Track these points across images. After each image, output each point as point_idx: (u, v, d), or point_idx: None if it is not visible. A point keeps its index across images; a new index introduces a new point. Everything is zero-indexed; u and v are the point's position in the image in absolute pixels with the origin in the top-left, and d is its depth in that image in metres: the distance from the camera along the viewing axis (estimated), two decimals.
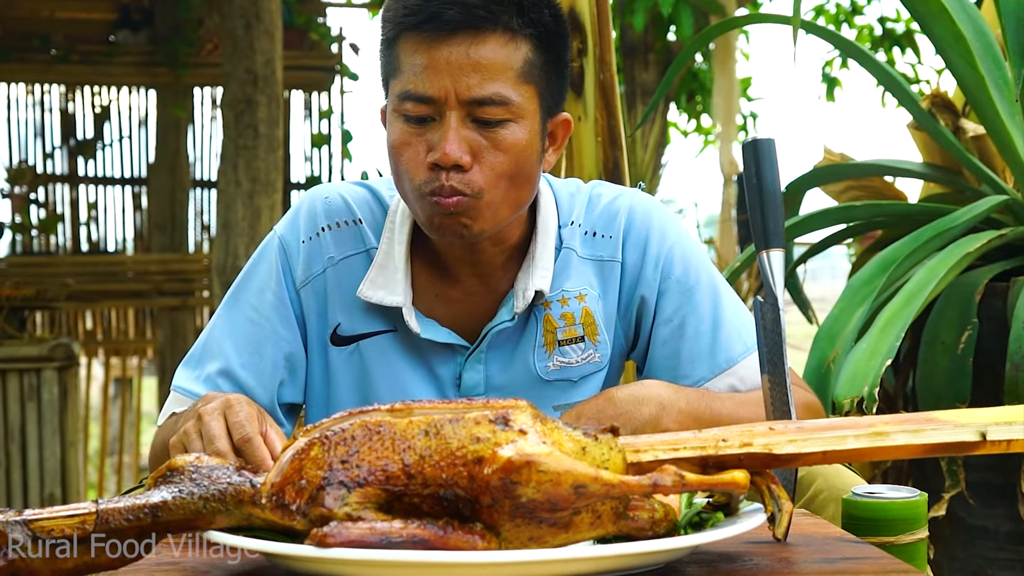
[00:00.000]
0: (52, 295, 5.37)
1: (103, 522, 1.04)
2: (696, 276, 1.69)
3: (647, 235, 1.70)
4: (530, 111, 1.55)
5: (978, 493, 2.40)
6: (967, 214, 2.53)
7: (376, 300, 1.64)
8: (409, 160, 1.54)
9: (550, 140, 1.63)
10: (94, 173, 7.70)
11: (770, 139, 1.41)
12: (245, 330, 1.67)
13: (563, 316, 1.66)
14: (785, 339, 1.34)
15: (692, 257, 1.71)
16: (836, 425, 1.13)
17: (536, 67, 1.55)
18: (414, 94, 1.52)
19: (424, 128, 1.53)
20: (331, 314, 1.68)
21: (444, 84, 1.50)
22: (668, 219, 1.73)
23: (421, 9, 1.51)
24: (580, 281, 1.68)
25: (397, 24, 1.55)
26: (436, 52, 1.51)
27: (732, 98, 8.09)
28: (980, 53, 2.62)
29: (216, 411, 1.34)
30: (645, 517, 1.08)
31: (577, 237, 1.70)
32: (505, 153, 1.53)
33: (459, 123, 1.51)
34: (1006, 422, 1.11)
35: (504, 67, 1.52)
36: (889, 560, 1.12)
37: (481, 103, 1.51)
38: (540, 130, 1.58)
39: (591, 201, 1.73)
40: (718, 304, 1.68)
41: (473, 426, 1.03)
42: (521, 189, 1.57)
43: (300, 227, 1.70)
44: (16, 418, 4.95)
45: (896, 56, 9.42)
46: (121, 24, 7.37)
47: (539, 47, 1.55)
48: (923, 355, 2.43)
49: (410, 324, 1.64)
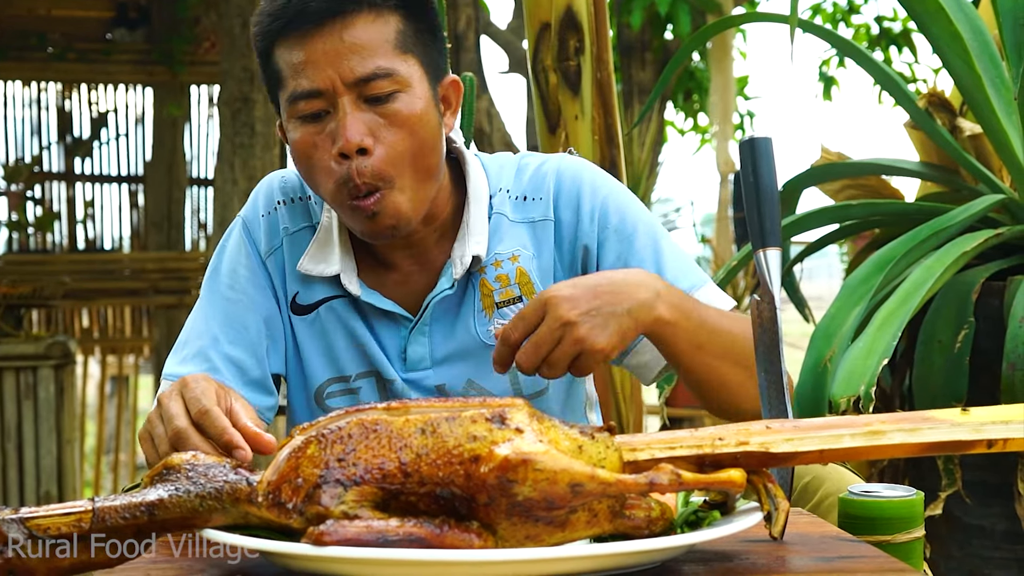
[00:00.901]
0: (48, 293, 5.37)
1: (99, 520, 1.04)
2: (633, 224, 1.71)
3: (578, 192, 1.72)
4: (416, 78, 1.59)
5: (974, 492, 2.40)
6: (964, 213, 2.53)
7: (316, 273, 1.70)
8: (318, 159, 1.58)
9: (444, 105, 1.67)
10: (91, 171, 7.71)
11: (767, 138, 1.41)
12: (224, 308, 1.71)
13: (498, 279, 1.69)
14: (782, 338, 1.34)
15: (627, 206, 1.73)
16: (833, 424, 1.13)
17: (410, 36, 1.59)
18: (302, 92, 1.56)
19: (322, 123, 1.57)
20: (289, 284, 1.73)
21: (327, 74, 1.54)
22: (598, 174, 1.76)
23: (285, 11, 1.56)
24: (512, 243, 1.70)
25: (267, 35, 1.59)
26: (311, 46, 1.55)
27: (729, 97, 8.10)
28: (977, 52, 2.62)
29: (173, 391, 1.34)
30: (641, 516, 1.08)
31: (508, 203, 1.73)
32: (403, 126, 1.57)
33: (353, 107, 1.55)
34: (1003, 421, 1.11)
35: (379, 42, 1.56)
36: (885, 559, 1.12)
37: (367, 80, 1.55)
38: (432, 97, 1.62)
39: (520, 169, 1.76)
40: (658, 249, 1.70)
41: (470, 424, 1.03)
42: (429, 157, 1.60)
43: (260, 204, 1.77)
44: (12, 416, 4.95)
45: (893, 55, 9.43)
46: (118, 22, 7.38)
47: (407, 16, 1.59)
48: (919, 354, 2.44)
49: (349, 288, 1.68)
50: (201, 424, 1.29)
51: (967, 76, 2.62)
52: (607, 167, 2.68)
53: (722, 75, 8.03)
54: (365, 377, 1.71)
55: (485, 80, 6.26)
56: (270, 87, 1.64)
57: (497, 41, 7.86)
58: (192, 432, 1.29)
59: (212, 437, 1.28)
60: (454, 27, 6.06)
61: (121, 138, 7.75)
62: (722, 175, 8.23)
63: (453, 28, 6.04)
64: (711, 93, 8.24)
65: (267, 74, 1.63)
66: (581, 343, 1.37)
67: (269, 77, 1.62)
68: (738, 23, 6.92)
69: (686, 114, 9.67)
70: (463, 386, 1.70)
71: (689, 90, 9.22)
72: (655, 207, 8.47)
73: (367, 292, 1.69)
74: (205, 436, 1.29)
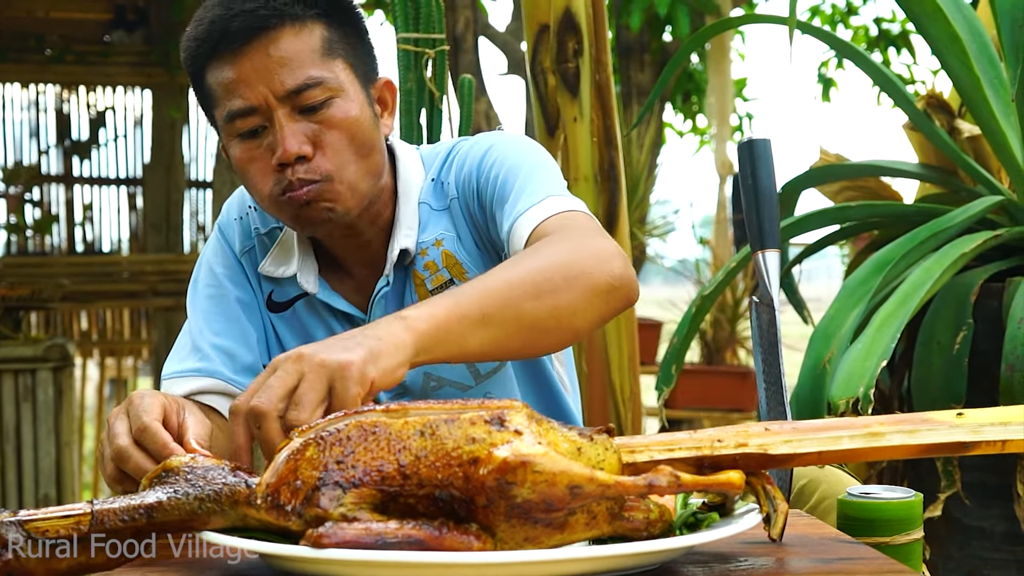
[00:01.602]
0: (47, 295, 5.37)
1: (98, 523, 1.04)
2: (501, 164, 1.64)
3: (465, 158, 1.71)
4: (347, 82, 1.61)
5: (974, 494, 2.40)
6: (962, 215, 2.53)
7: (278, 274, 1.74)
8: (257, 171, 1.60)
9: (381, 106, 1.69)
10: (89, 173, 7.70)
11: (766, 140, 1.41)
12: (207, 305, 1.75)
13: (427, 266, 1.70)
14: (781, 339, 1.34)
15: (500, 149, 1.68)
16: (832, 426, 1.13)
17: (336, 42, 1.61)
18: (236, 111, 1.58)
19: (260, 139, 1.59)
20: (264, 283, 1.77)
21: (258, 90, 1.56)
22: (493, 135, 1.74)
23: (209, 34, 1.58)
24: (436, 229, 1.71)
25: (195, 59, 1.61)
26: (240, 65, 1.57)
27: (727, 98, 8.11)
28: (976, 54, 2.63)
29: (120, 409, 1.34)
30: (640, 518, 1.08)
31: (431, 191, 1.74)
32: (339, 129, 1.59)
33: (288, 119, 1.57)
34: (1001, 422, 1.11)
35: (305, 53, 1.58)
36: (885, 560, 1.12)
37: (299, 91, 1.56)
38: (366, 99, 1.64)
39: (448, 154, 1.76)
40: (514, 182, 1.61)
41: (468, 427, 1.03)
42: (369, 158, 1.63)
43: (232, 210, 1.82)
44: (11, 418, 4.95)
45: (892, 57, 9.43)
46: (116, 24, 7.38)
47: (331, 24, 1.61)
48: (918, 356, 2.44)
49: (306, 287, 1.71)
50: (141, 441, 1.27)
51: (966, 77, 2.62)
52: (606, 168, 2.68)
53: (721, 77, 8.03)
54: None
55: (484, 82, 6.26)
56: (205, 107, 1.66)
57: (495, 43, 7.86)
58: (133, 450, 1.27)
59: (152, 454, 1.26)
60: (452, 29, 6.06)
61: (120, 140, 7.75)
62: (721, 177, 8.23)
63: (451, 30, 6.04)
64: (709, 95, 8.24)
65: (200, 95, 1.65)
66: (324, 365, 1.18)
67: (203, 98, 1.65)
68: (737, 24, 6.93)
69: (685, 116, 9.67)
70: (422, 379, 1.70)
71: (688, 92, 9.22)
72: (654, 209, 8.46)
73: (326, 292, 1.72)
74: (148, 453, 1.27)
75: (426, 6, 2.57)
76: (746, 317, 6.57)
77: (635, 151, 7.50)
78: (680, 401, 6.02)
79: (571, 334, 1.43)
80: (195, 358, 1.69)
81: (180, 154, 7.59)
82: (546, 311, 1.36)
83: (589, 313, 1.40)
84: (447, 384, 1.71)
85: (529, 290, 1.35)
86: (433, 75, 2.58)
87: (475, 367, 1.71)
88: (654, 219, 8.38)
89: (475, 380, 1.72)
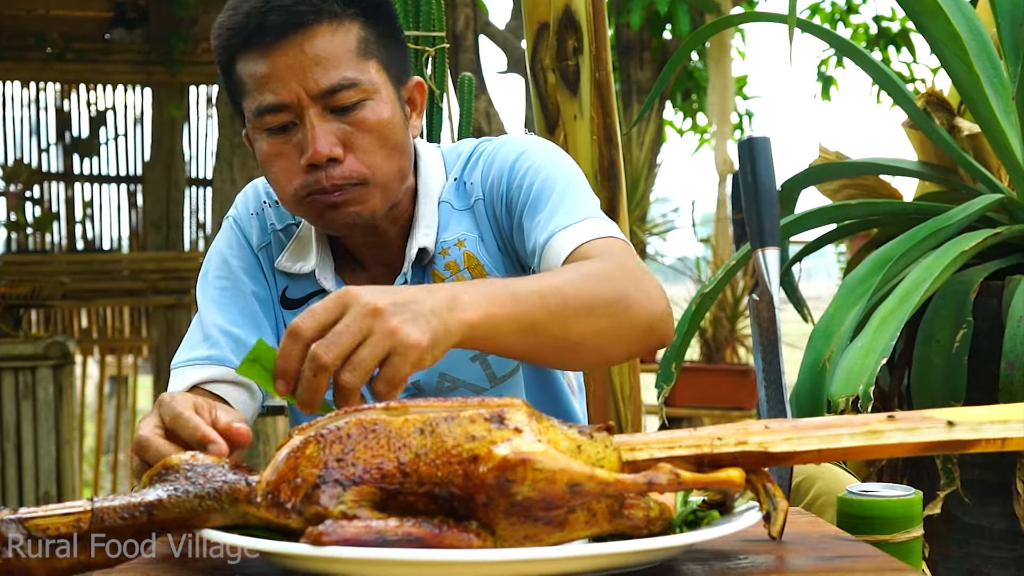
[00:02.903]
0: (47, 293, 5.37)
1: (98, 520, 1.04)
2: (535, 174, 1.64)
3: (494, 162, 1.71)
4: (381, 84, 1.59)
5: (973, 491, 2.40)
6: (962, 213, 2.53)
7: (295, 270, 1.72)
8: (283, 168, 1.59)
9: (410, 106, 1.68)
10: (89, 171, 7.70)
11: (766, 138, 1.41)
12: (220, 296, 1.73)
13: (447, 266, 1.69)
14: (781, 337, 1.34)
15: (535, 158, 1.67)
16: (831, 424, 1.13)
17: (371, 41, 1.59)
18: (267, 106, 1.56)
19: (289, 135, 1.57)
20: (279, 279, 1.75)
21: (291, 87, 1.54)
22: (524, 140, 1.73)
23: (245, 25, 1.55)
24: (458, 229, 1.70)
25: (227, 48, 1.59)
26: (274, 60, 1.54)
27: (728, 96, 8.10)
28: (975, 52, 2.63)
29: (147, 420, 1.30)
30: (640, 515, 1.08)
31: (453, 191, 1.73)
32: (371, 132, 1.57)
33: (319, 118, 1.55)
34: (1001, 420, 1.11)
35: (341, 51, 1.55)
36: (884, 558, 1.12)
37: (332, 92, 1.55)
38: (397, 99, 1.62)
39: (471, 155, 1.76)
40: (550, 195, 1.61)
41: (468, 424, 1.03)
42: (398, 160, 1.62)
43: (249, 204, 1.79)
44: (11, 416, 4.95)
45: (891, 55, 9.44)
46: (116, 22, 7.37)
47: (367, 22, 1.59)
48: (918, 354, 2.43)
49: (324, 284, 1.70)
50: (175, 428, 1.26)
51: (965, 76, 2.62)
52: (606, 167, 2.68)
53: (721, 75, 8.03)
54: None
55: (484, 80, 6.26)
56: (233, 96, 1.64)
57: (495, 41, 7.86)
58: (154, 439, 1.25)
59: (185, 438, 1.24)
60: (452, 27, 6.06)
61: (120, 138, 7.74)
62: (721, 175, 8.23)
63: (452, 28, 6.04)
64: (710, 93, 8.24)
65: (230, 84, 1.63)
66: (394, 335, 1.17)
67: (232, 87, 1.62)
68: (737, 23, 6.92)
69: (685, 114, 9.67)
70: (437, 380, 1.70)
71: (688, 90, 9.23)
72: (654, 207, 8.46)
73: (340, 286, 1.70)
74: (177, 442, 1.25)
75: (426, 4, 2.57)
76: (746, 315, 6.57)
77: (635, 149, 7.51)
78: (680, 399, 6.03)
79: (603, 359, 1.48)
80: (205, 346, 1.67)
81: (180, 152, 7.58)
82: (589, 333, 1.39)
83: (626, 345, 1.44)
84: (462, 385, 1.70)
85: (579, 310, 1.37)
86: (433, 73, 2.58)
87: (491, 370, 1.70)
88: (654, 217, 8.39)
89: (491, 383, 1.71)
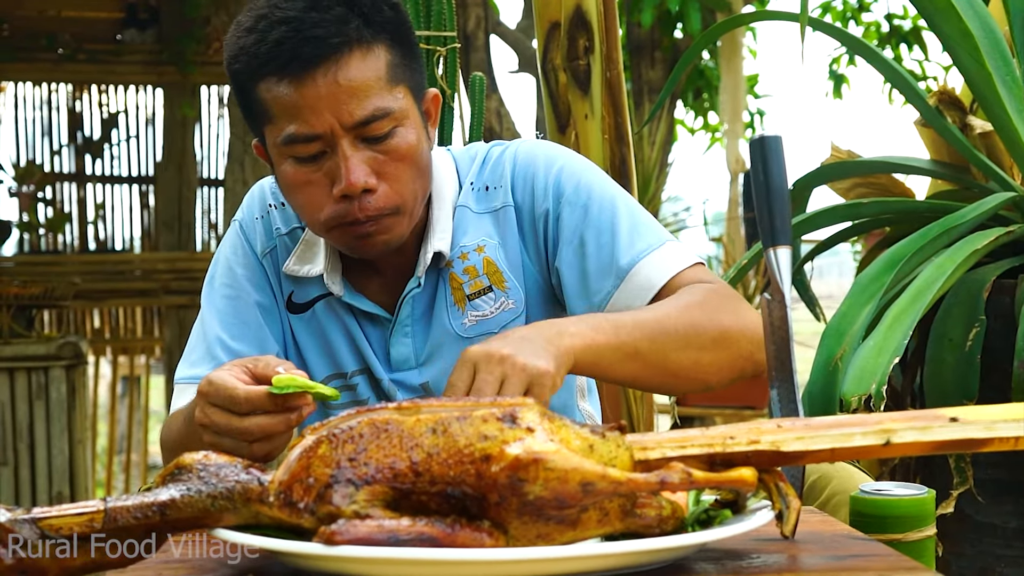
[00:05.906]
0: (60, 294, 5.38)
1: (111, 520, 1.04)
2: (587, 191, 1.68)
3: (533, 172, 1.71)
4: (409, 107, 1.58)
5: (986, 490, 2.40)
6: (975, 211, 2.52)
7: (302, 273, 1.71)
8: (312, 197, 1.56)
9: (427, 117, 1.66)
10: (101, 172, 7.72)
11: (777, 136, 1.41)
12: (224, 307, 1.72)
13: (466, 271, 1.69)
14: (793, 336, 1.34)
15: (581, 174, 1.70)
16: (844, 423, 1.13)
17: (398, 65, 1.57)
18: (299, 136, 1.52)
19: (319, 164, 1.55)
20: (284, 284, 1.74)
21: (325, 118, 1.51)
22: (553, 150, 1.74)
23: (277, 55, 1.50)
24: (477, 234, 1.70)
25: (251, 74, 1.54)
26: (306, 90, 1.50)
27: (739, 95, 8.10)
28: (988, 50, 2.62)
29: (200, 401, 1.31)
30: (652, 514, 1.08)
31: (471, 195, 1.72)
32: (403, 160, 1.56)
33: (352, 148, 1.53)
34: (1014, 419, 1.11)
35: (373, 80, 1.53)
36: (897, 557, 1.12)
37: (366, 123, 1.52)
38: (421, 120, 1.62)
39: (485, 159, 1.76)
40: (615, 214, 1.66)
41: (480, 424, 1.03)
42: (424, 181, 1.62)
43: (254, 207, 1.78)
44: (24, 417, 4.96)
45: (903, 53, 9.42)
46: (128, 23, 7.39)
47: (393, 45, 1.57)
48: (931, 352, 2.43)
49: (332, 288, 1.69)
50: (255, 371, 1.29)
51: (978, 74, 2.61)
52: (617, 166, 2.68)
53: (732, 74, 8.02)
54: (360, 374, 1.73)
55: (495, 79, 6.26)
56: (249, 113, 1.60)
57: (506, 40, 7.86)
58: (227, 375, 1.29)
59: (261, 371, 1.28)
60: (463, 27, 6.06)
61: (132, 139, 7.76)
62: (732, 174, 8.23)
63: (463, 28, 6.04)
64: (721, 92, 8.24)
65: (245, 102, 1.59)
66: (526, 370, 1.29)
67: (250, 107, 1.58)
68: (748, 21, 6.91)
69: (696, 113, 9.67)
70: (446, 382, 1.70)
71: (699, 89, 9.22)
72: (665, 206, 8.45)
73: (351, 294, 1.70)
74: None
75: (437, 4, 2.57)
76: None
77: (646, 148, 7.50)
78: (692, 398, 6.02)
79: (702, 386, 1.56)
80: (209, 363, 1.67)
81: (192, 152, 7.59)
82: (689, 363, 1.49)
83: (724, 374, 1.53)
84: None
85: (680, 341, 1.47)
86: (444, 73, 2.58)
87: None
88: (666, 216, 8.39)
89: None
